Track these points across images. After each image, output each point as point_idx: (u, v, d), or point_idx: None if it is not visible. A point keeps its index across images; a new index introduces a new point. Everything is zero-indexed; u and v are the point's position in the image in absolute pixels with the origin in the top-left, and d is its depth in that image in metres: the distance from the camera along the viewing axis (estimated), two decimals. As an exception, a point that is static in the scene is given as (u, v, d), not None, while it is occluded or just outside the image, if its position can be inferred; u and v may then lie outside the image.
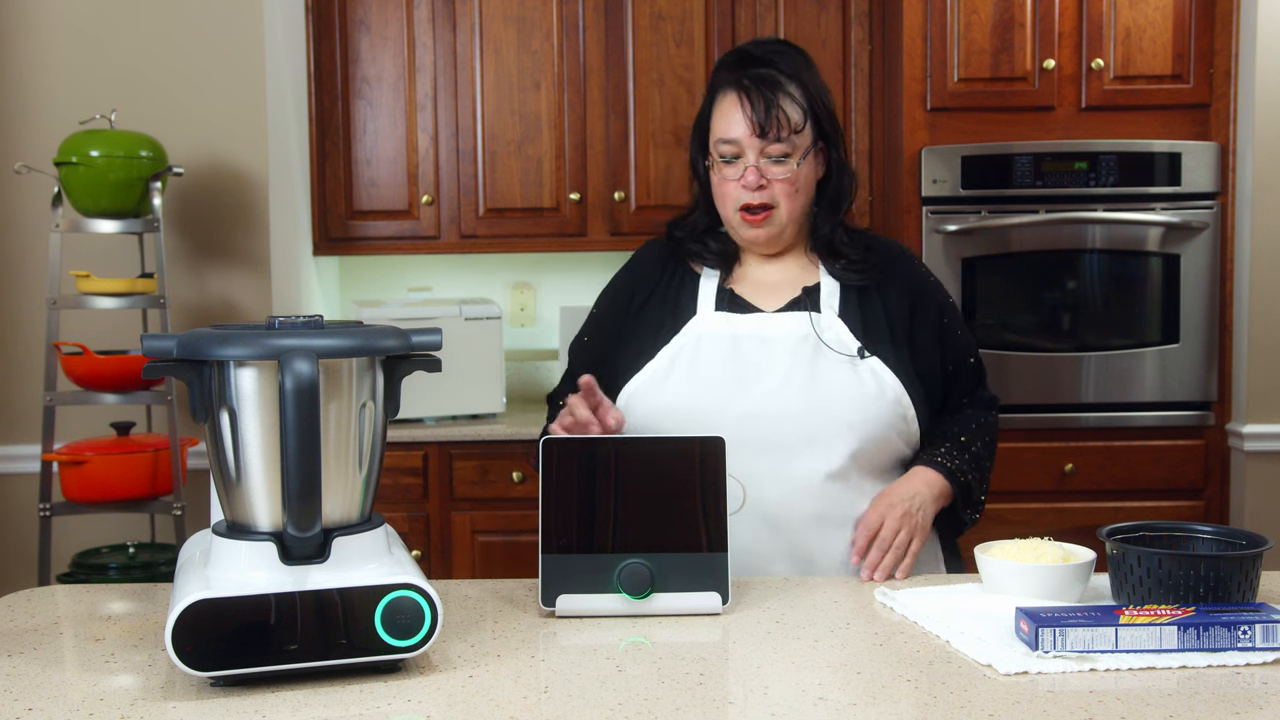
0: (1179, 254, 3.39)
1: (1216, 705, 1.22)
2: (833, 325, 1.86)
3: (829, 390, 1.81)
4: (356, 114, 3.66)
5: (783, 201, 1.86)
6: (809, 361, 1.82)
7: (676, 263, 1.97)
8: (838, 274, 1.91)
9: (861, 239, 1.95)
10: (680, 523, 1.56)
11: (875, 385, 1.82)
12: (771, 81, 1.85)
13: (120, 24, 3.25)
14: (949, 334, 1.93)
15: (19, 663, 1.38)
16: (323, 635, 1.28)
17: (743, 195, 1.85)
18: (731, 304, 1.90)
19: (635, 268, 2.01)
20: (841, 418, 1.80)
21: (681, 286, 1.94)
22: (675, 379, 1.84)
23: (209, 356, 1.29)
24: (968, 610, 1.50)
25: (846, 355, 1.83)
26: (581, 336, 2.02)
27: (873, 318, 1.88)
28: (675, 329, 1.88)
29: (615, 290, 2.01)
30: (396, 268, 3.97)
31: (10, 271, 3.27)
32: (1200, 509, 3.41)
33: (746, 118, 1.83)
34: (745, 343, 1.85)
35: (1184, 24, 3.38)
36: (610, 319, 1.97)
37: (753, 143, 1.84)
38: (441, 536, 3.41)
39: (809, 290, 1.90)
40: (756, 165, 1.84)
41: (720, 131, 1.86)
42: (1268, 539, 1.51)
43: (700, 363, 1.84)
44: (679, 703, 1.23)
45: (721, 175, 1.88)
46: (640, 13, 3.64)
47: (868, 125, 3.67)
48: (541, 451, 1.57)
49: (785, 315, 1.87)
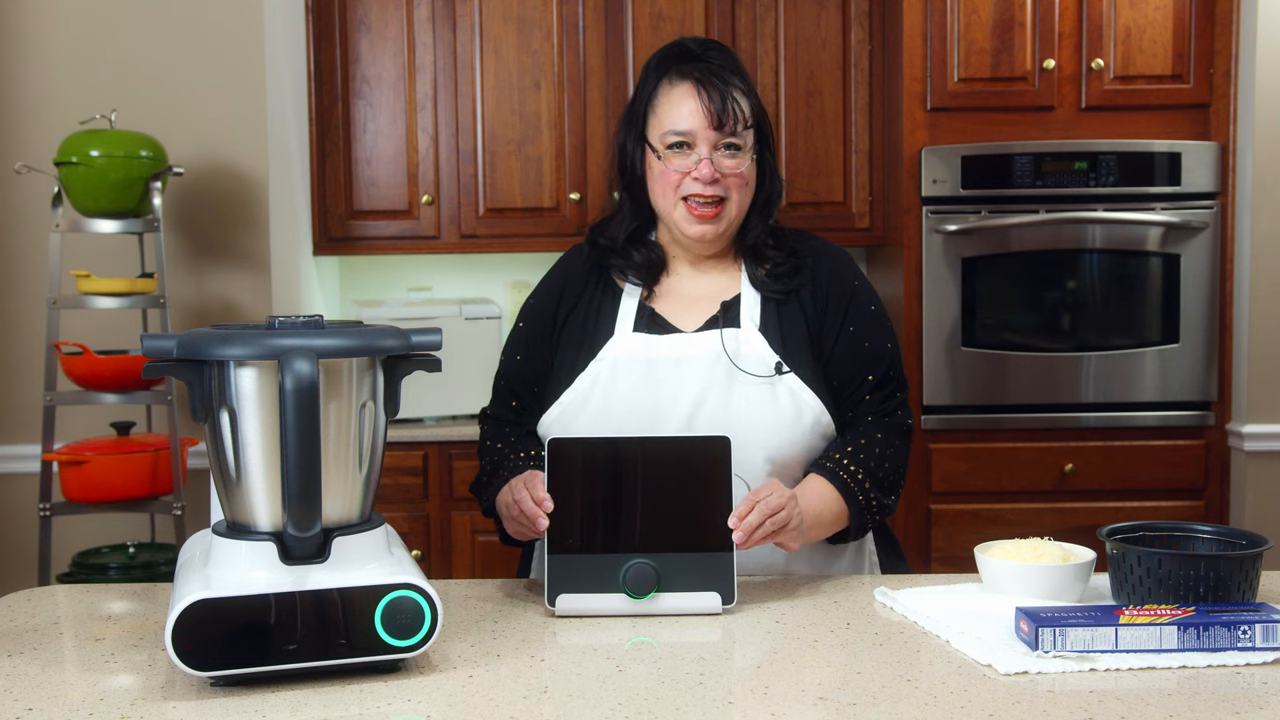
0: (1179, 254, 3.39)
1: (1216, 705, 1.22)
2: (750, 341, 1.79)
3: (743, 416, 1.75)
4: (356, 114, 3.66)
5: (734, 194, 1.80)
6: (723, 384, 1.77)
7: (600, 272, 1.90)
8: (759, 282, 1.84)
9: (788, 241, 1.88)
10: (686, 523, 1.56)
11: (792, 408, 1.76)
12: (723, 75, 1.80)
13: (120, 24, 3.25)
14: (850, 345, 1.83)
15: (19, 663, 1.38)
16: (323, 635, 1.28)
17: (693, 186, 1.78)
18: (650, 324, 1.84)
19: (559, 278, 1.93)
20: (757, 443, 1.75)
21: (603, 301, 1.87)
22: (590, 409, 1.79)
23: (209, 356, 1.29)
24: (968, 610, 1.50)
25: (763, 376, 1.77)
26: (513, 354, 1.92)
27: (793, 330, 1.82)
28: (593, 351, 1.82)
29: (540, 301, 1.92)
30: (396, 268, 3.97)
31: (10, 271, 3.27)
32: (1200, 509, 3.41)
33: (704, 108, 1.77)
34: (661, 366, 1.79)
35: (1184, 24, 3.38)
36: (537, 334, 1.90)
37: (708, 135, 1.77)
38: (441, 536, 3.41)
39: (727, 305, 1.84)
40: (710, 159, 1.78)
41: (670, 123, 1.79)
42: (1268, 539, 1.51)
43: (615, 391, 1.78)
44: (679, 703, 1.23)
45: (667, 166, 1.79)
46: (640, 13, 3.64)
47: (868, 125, 3.67)
48: (548, 451, 1.57)
49: (703, 335, 1.81)
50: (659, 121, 1.81)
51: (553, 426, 1.81)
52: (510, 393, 1.91)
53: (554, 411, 1.82)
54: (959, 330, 3.39)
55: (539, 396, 1.88)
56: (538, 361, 1.89)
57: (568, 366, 1.84)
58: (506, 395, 1.92)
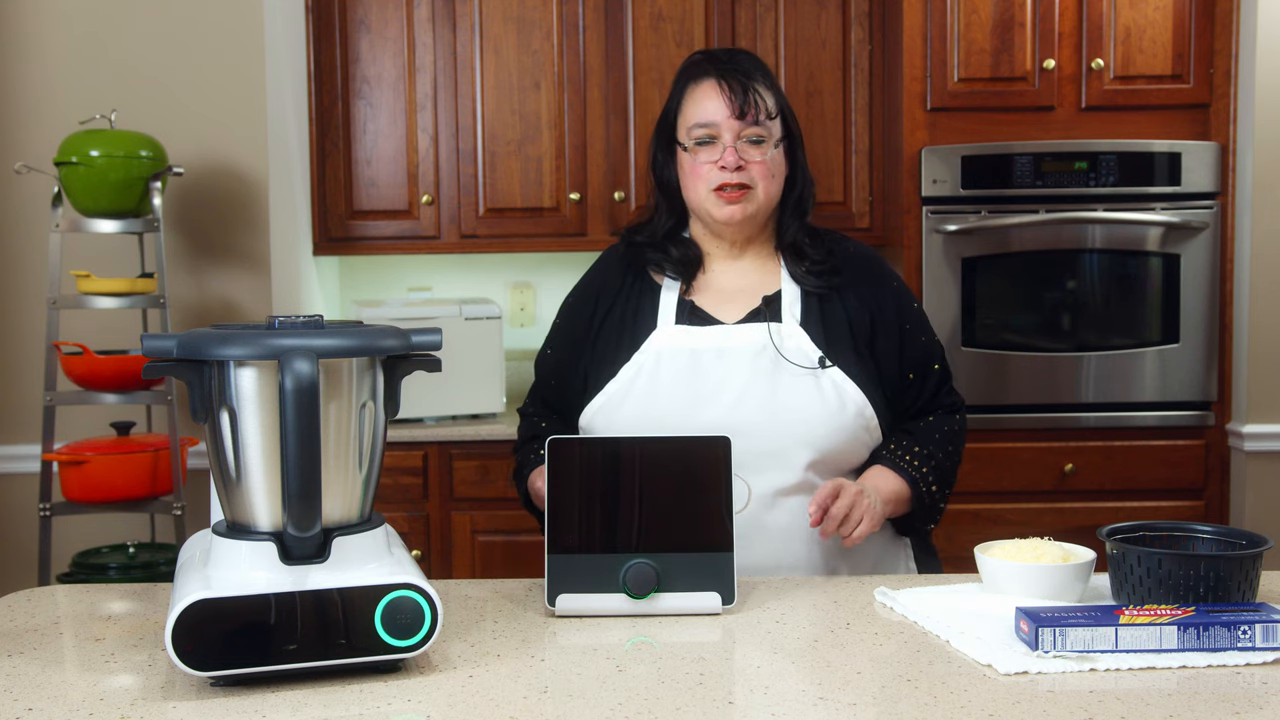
0: (1179, 254, 3.39)
1: (1216, 705, 1.22)
2: (794, 335, 1.84)
3: (788, 404, 1.79)
4: (356, 114, 3.66)
5: (760, 182, 1.85)
6: (768, 374, 1.81)
7: (637, 272, 1.94)
8: (800, 278, 1.89)
9: (825, 242, 1.93)
10: (686, 522, 1.56)
11: (836, 398, 1.81)
12: (746, 71, 1.86)
13: (120, 24, 3.25)
14: (910, 341, 1.91)
15: (19, 663, 1.38)
16: (323, 635, 1.28)
17: (720, 176, 1.84)
18: (691, 317, 1.88)
19: (596, 277, 1.99)
20: (800, 432, 1.79)
21: (642, 298, 1.91)
22: (635, 397, 1.83)
23: (209, 356, 1.29)
24: (968, 610, 1.50)
25: (807, 367, 1.81)
26: (545, 349, 2.00)
27: (835, 325, 1.86)
28: (635, 344, 1.87)
29: (577, 301, 1.99)
30: (396, 268, 3.97)
31: (10, 271, 3.27)
32: (1200, 509, 3.41)
33: (726, 99, 1.83)
34: (704, 357, 1.83)
35: (1184, 24, 3.38)
36: (573, 331, 1.96)
37: (731, 125, 1.83)
38: (441, 536, 3.41)
39: (769, 299, 1.88)
40: (734, 146, 1.83)
41: (695, 117, 1.86)
42: (1268, 539, 1.51)
43: (660, 380, 1.82)
44: (679, 703, 1.23)
45: (695, 160, 1.86)
46: (640, 13, 3.64)
47: (868, 125, 3.67)
48: (548, 451, 1.57)
49: (745, 327, 1.85)
50: (685, 119, 1.88)
51: (596, 417, 1.86)
52: (538, 388, 2.01)
53: (598, 401, 1.86)
54: (959, 330, 3.39)
55: (561, 393, 1.94)
56: (567, 358, 1.94)
57: (609, 361, 1.87)
58: (536, 392, 2.02)
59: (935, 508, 1.89)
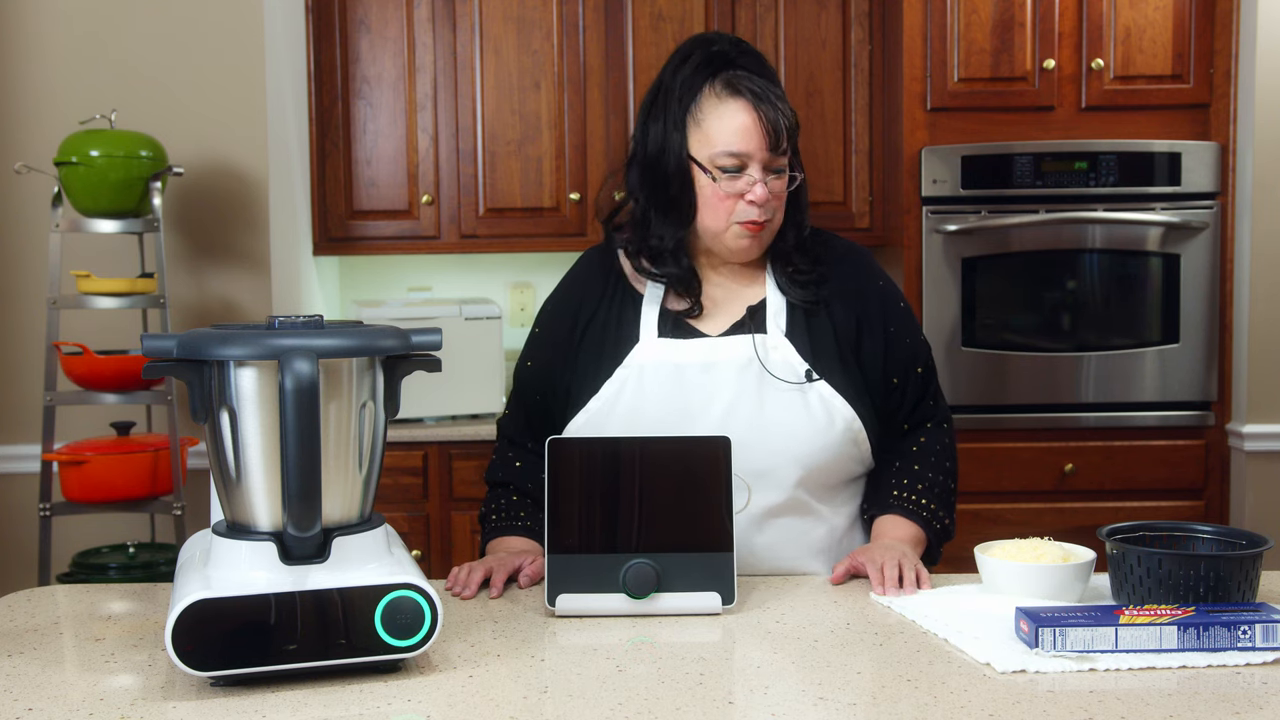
0: (1179, 254, 3.39)
1: (1216, 705, 1.22)
2: (779, 347, 1.77)
3: (775, 420, 1.75)
4: (356, 114, 3.66)
5: (777, 214, 1.78)
6: (754, 390, 1.75)
7: (617, 278, 1.86)
8: (784, 287, 1.82)
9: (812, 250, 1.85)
10: (686, 523, 1.56)
11: (824, 414, 1.76)
12: (773, 90, 1.75)
13: (120, 24, 3.25)
14: (895, 343, 1.85)
15: (19, 663, 1.38)
16: (323, 635, 1.28)
17: (748, 211, 1.74)
18: (675, 328, 1.81)
19: (575, 286, 1.89)
20: (789, 449, 1.75)
21: (624, 308, 1.83)
22: (619, 414, 1.77)
23: (209, 356, 1.29)
24: (967, 610, 1.50)
25: (794, 383, 1.76)
26: (525, 361, 1.90)
27: (821, 336, 1.80)
28: (618, 358, 1.79)
29: (556, 309, 1.90)
30: (396, 268, 3.97)
31: (10, 271, 3.27)
32: (1200, 509, 3.41)
33: (762, 131, 1.72)
34: (689, 371, 1.77)
35: (1184, 24, 3.38)
36: (554, 343, 1.87)
37: (763, 156, 1.73)
38: (441, 536, 3.41)
39: (754, 310, 1.82)
40: (763, 180, 1.73)
41: (724, 143, 1.72)
42: (1268, 539, 1.51)
43: (644, 395, 1.77)
44: (679, 703, 1.23)
45: (720, 189, 1.74)
46: (640, 13, 3.64)
47: (868, 125, 3.67)
48: (548, 451, 1.57)
49: (730, 340, 1.78)
50: (708, 139, 1.74)
51: (581, 433, 1.79)
52: (520, 403, 1.91)
53: (580, 419, 1.80)
54: (959, 330, 3.39)
55: (546, 407, 1.87)
56: (549, 368, 1.86)
57: (591, 375, 1.81)
58: (517, 406, 1.92)
59: (947, 532, 1.86)
